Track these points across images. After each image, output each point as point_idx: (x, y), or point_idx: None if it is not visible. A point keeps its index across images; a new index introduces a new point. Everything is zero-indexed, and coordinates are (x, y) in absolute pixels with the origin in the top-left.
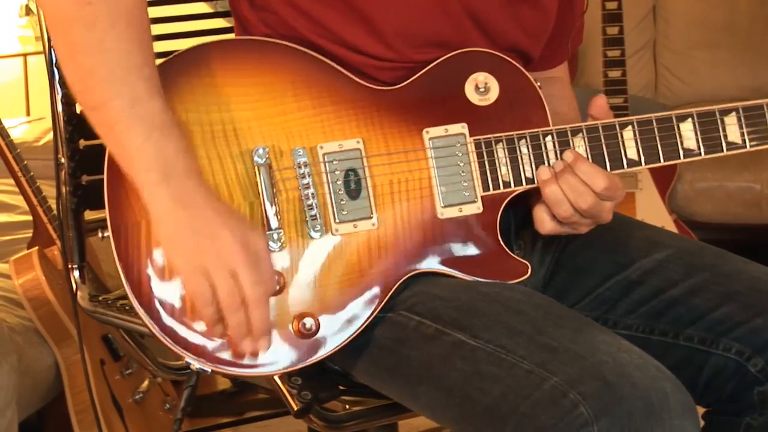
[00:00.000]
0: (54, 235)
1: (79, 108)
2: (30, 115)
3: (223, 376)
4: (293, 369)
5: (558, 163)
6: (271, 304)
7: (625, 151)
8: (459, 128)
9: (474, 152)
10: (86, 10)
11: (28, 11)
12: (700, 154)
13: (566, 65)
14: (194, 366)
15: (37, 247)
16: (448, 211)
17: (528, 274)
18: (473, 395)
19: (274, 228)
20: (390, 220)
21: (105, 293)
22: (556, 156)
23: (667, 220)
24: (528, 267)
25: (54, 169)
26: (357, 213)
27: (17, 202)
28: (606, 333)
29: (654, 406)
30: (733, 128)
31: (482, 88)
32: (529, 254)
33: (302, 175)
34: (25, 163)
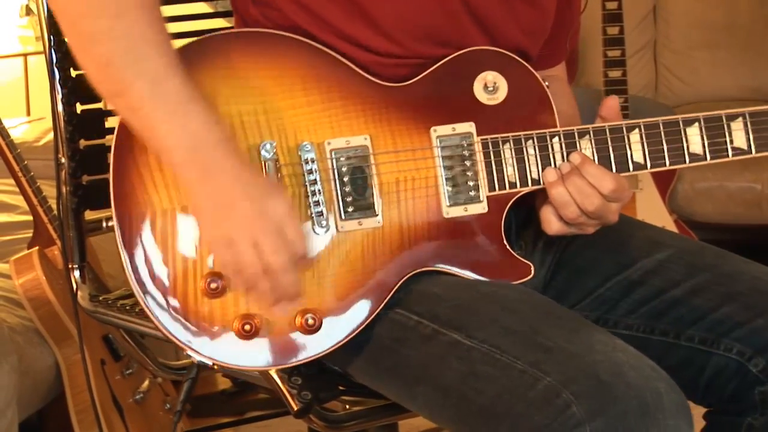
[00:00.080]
0: (54, 235)
1: (79, 108)
2: (30, 115)
3: (222, 369)
4: (293, 364)
5: (564, 165)
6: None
7: (631, 154)
8: (467, 127)
9: (481, 152)
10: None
11: (28, 11)
12: (706, 159)
13: (564, 64)
14: (194, 359)
15: (37, 247)
16: (454, 211)
17: (531, 275)
18: (469, 395)
19: None
20: (395, 218)
21: (105, 293)
22: (563, 157)
23: (668, 220)
24: (531, 268)
25: (54, 169)
26: (362, 210)
27: (17, 202)
28: (602, 332)
29: (648, 406)
30: (739, 134)
31: (491, 87)
32: (530, 255)
33: (309, 171)
34: (26, 163)
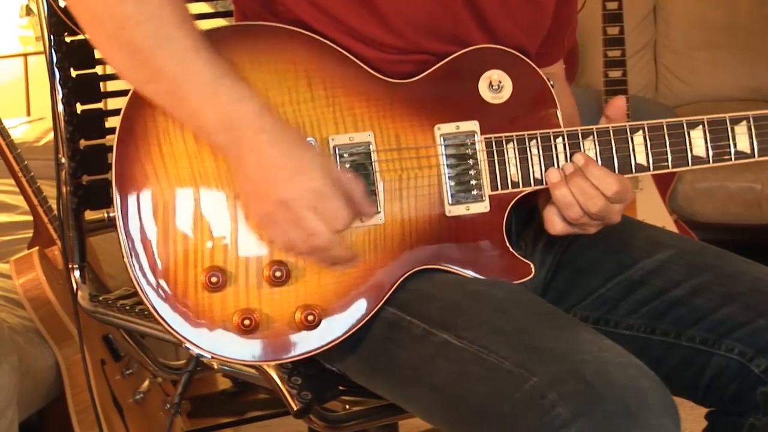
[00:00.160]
0: (54, 235)
1: (79, 108)
2: (30, 115)
3: (220, 363)
4: (291, 360)
5: (568, 166)
6: (276, 297)
7: (634, 156)
8: (471, 126)
9: (484, 151)
10: None
11: (28, 11)
12: (708, 162)
13: (562, 62)
14: (193, 352)
15: (37, 247)
16: (456, 209)
17: (531, 274)
18: (458, 396)
19: None
20: (397, 216)
21: (105, 293)
22: (566, 158)
23: (668, 220)
24: (531, 268)
25: (54, 169)
26: None
27: (18, 202)
28: (589, 331)
29: (631, 406)
30: (743, 137)
31: (496, 86)
32: (530, 254)
33: None
34: (26, 163)
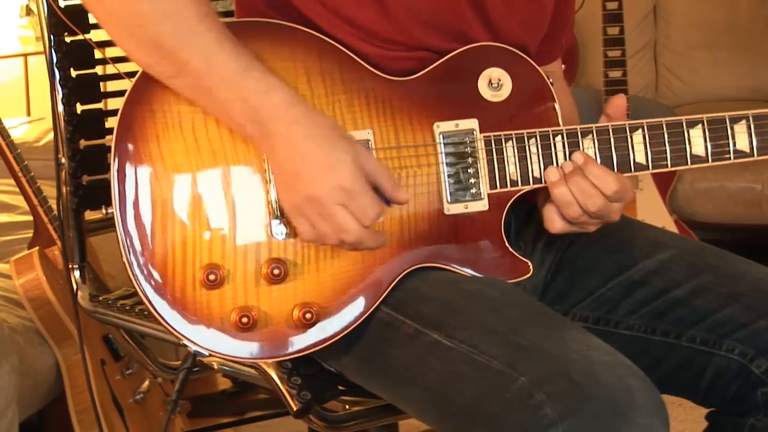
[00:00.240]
0: (54, 235)
1: (79, 108)
2: (30, 115)
3: (219, 360)
4: (288, 357)
5: (567, 164)
6: (274, 294)
7: (633, 155)
8: (470, 124)
9: (483, 149)
10: None
11: (28, 11)
12: (708, 161)
13: (560, 61)
14: (191, 349)
15: (37, 248)
16: (455, 208)
17: (530, 273)
18: (450, 396)
19: (280, 216)
20: (396, 214)
21: (105, 293)
22: (565, 156)
23: (668, 220)
24: (529, 266)
25: (54, 169)
26: None
27: (18, 202)
28: (578, 330)
29: (619, 405)
30: (742, 136)
31: (495, 84)
32: (530, 254)
33: None
34: (26, 163)
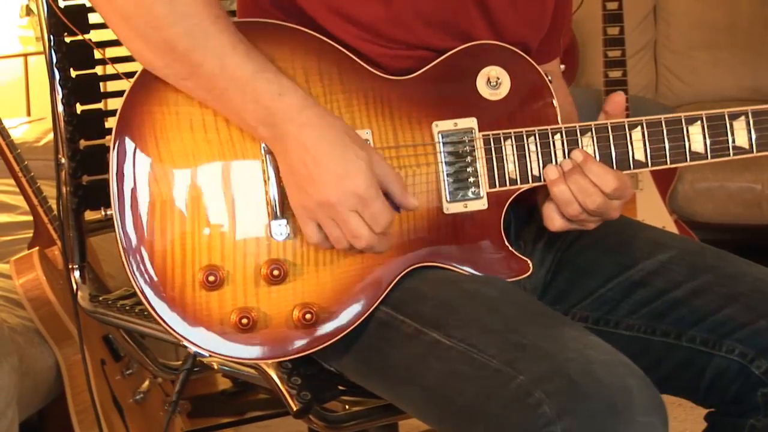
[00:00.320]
0: (54, 236)
1: (79, 108)
2: (30, 116)
3: (219, 361)
4: (288, 358)
5: (566, 162)
6: (274, 295)
7: (632, 152)
8: (469, 122)
9: (482, 148)
10: None
11: (28, 11)
12: (707, 158)
13: (558, 60)
14: (191, 350)
15: (37, 248)
16: (454, 207)
17: (529, 271)
18: (449, 395)
19: (280, 217)
20: (395, 214)
21: (105, 293)
22: (564, 154)
23: (668, 220)
24: (529, 264)
25: (54, 169)
26: None
27: (18, 202)
28: (577, 329)
29: (617, 404)
30: (741, 132)
31: (494, 83)
32: (529, 254)
33: None
34: (26, 163)
